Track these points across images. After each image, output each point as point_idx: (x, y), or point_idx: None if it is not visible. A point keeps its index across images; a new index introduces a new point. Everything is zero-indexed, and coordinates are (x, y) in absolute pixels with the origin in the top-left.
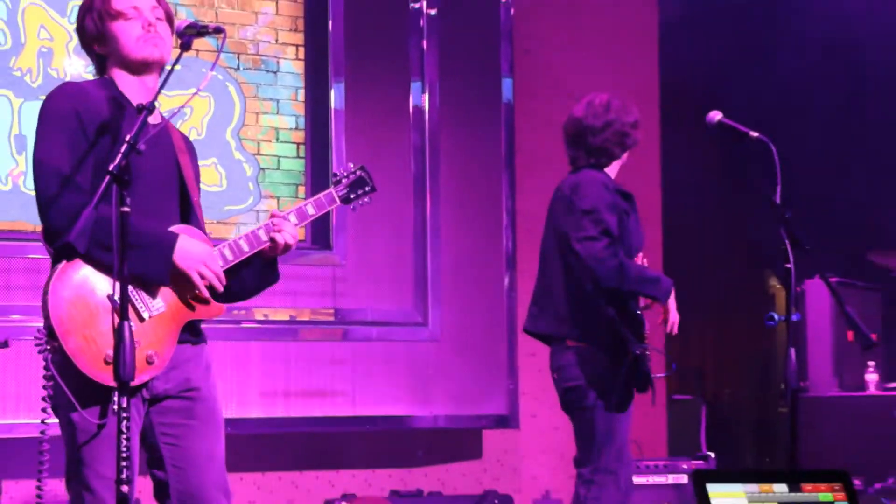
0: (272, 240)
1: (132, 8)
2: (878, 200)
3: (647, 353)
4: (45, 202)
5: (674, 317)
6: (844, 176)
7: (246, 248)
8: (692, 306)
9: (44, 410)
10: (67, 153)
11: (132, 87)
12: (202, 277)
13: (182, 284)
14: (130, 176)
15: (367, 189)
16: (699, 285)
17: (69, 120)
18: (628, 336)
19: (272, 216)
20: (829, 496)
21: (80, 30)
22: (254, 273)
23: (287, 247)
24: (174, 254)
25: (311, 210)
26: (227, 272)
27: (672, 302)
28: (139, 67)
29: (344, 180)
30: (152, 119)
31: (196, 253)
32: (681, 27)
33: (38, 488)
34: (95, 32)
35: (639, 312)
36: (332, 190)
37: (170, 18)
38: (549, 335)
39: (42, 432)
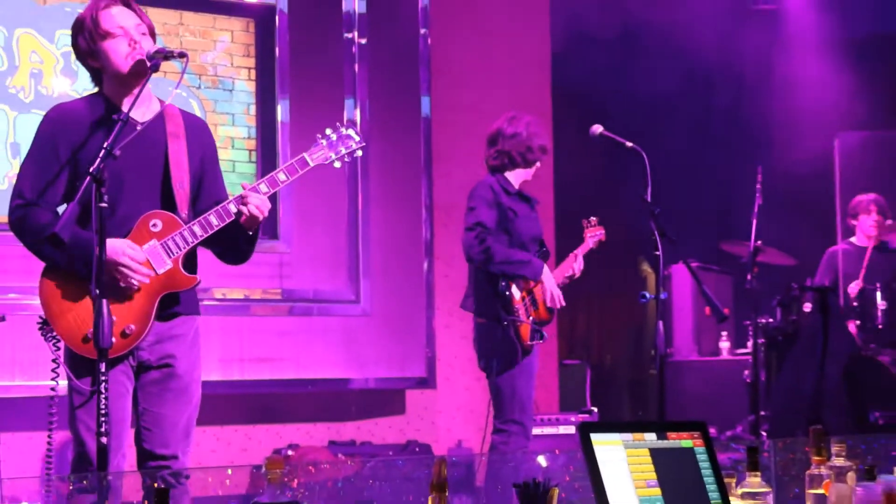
0: (240, 212)
1: (119, 28)
2: (730, 200)
3: (516, 323)
4: (11, 217)
5: (551, 292)
6: (703, 179)
7: (215, 221)
8: (580, 288)
9: (53, 380)
10: (36, 172)
11: (122, 95)
12: (126, 274)
13: (149, 265)
14: (107, 176)
15: (352, 145)
16: (586, 270)
17: (45, 143)
18: (499, 310)
19: (243, 188)
20: (689, 443)
21: (75, 47)
22: (233, 240)
23: (257, 216)
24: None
25: (282, 177)
26: (209, 240)
27: (547, 279)
28: (128, 78)
29: (324, 141)
30: (143, 116)
31: (114, 253)
32: (569, 54)
33: (49, 438)
34: (88, 50)
35: (507, 294)
36: (304, 155)
37: (152, 32)
38: (472, 312)
39: (52, 397)
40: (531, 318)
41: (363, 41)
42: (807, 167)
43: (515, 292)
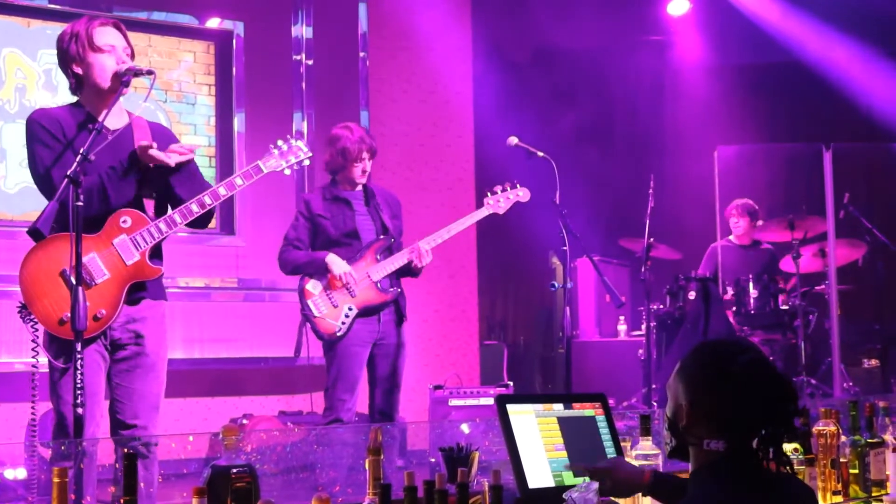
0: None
1: (110, 45)
2: (627, 203)
3: (310, 318)
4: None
5: (343, 279)
6: (604, 184)
7: (179, 219)
8: (500, 280)
9: (34, 358)
10: (47, 155)
11: (98, 106)
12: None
13: (118, 258)
14: (83, 179)
15: (300, 155)
16: (506, 264)
17: (42, 133)
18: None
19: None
20: (591, 412)
21: (64, 51)
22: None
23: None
24: None
25: (238, 181)
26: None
27: (335, 266)
28: (106, 91)
29: (276, 151)
30: (114, 126)
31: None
32: (488, 74)
33: (33, 410)
34: (77, 56)
35: (300, 293)
36: (258, 163)
37: (132, 56)
38: None
39: (33, 374)
40: (347, 305)
41: (310, 62)
42: (691, 175)
43: (312, 288)
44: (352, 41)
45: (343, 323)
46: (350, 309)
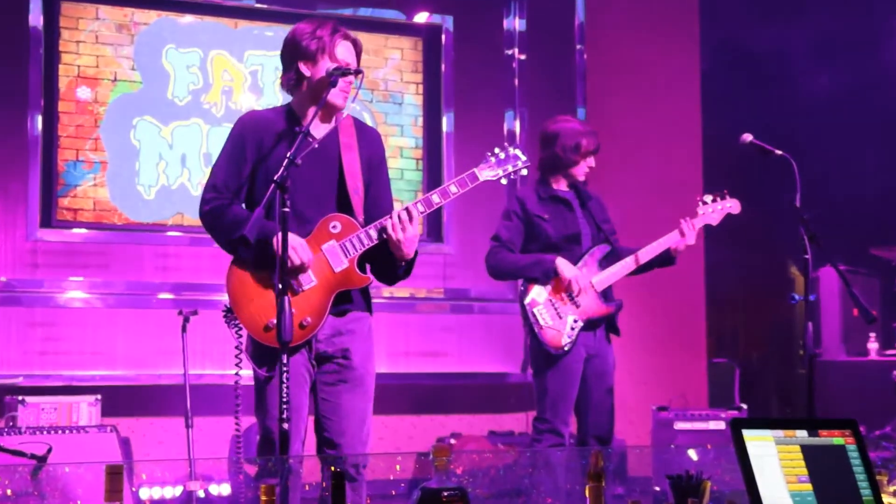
0: (383, 230)
1: (345, 62)
2: (879, 206)
3: (534, 329)
4: (204, 206)
5: (568, 281)
6: (852, 185)
7: (389, 227)
8: (731, 290)
9: (237, 366)
10: (229, 169)
11: (309, 111)
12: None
13: (326, 264)
14: (290, 184)
15: (518, 164)
16: (738, 273)
17: (236, 143)
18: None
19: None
20: (841, 440)
21: (302, 47)
22: (384, 263)
23: (399, 240)
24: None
25: (453, 189)
26: (372, 254)
27: (566, 270)
28: (324, 102)
29: (493, 159)
30: (321, 128)
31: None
32: (718, 67)
33: (236, 422)
34: (311, 56)
35: (523, 302)
36: (474, 170)
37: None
38: None
39: (236, 385)
40: (572, 317)
41: (523, 57)
42: None
43: (537, 296)
44: (568, 33)
45: (569, 336)
46: (576, 321)
